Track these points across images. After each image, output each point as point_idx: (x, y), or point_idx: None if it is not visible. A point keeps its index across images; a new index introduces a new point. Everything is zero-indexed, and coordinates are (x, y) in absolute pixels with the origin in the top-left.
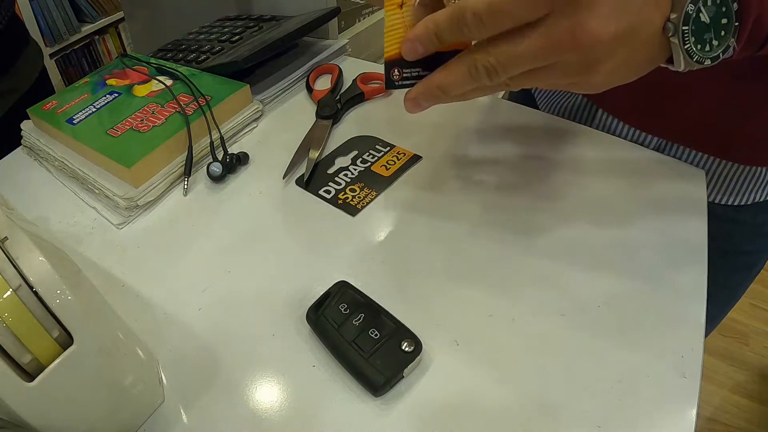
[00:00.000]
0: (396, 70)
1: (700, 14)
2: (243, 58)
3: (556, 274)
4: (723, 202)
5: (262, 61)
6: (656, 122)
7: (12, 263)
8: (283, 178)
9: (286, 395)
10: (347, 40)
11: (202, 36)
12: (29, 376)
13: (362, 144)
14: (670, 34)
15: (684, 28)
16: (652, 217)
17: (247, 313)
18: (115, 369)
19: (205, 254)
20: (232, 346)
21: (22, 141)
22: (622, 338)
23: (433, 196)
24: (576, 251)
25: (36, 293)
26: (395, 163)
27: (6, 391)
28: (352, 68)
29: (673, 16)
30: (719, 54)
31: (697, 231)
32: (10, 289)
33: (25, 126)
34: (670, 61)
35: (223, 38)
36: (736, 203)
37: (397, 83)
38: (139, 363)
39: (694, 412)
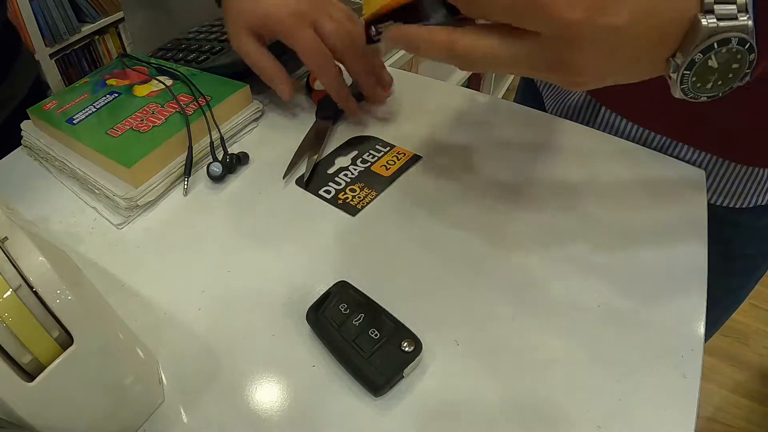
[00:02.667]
0: (373, 28)
1: (709, 60)
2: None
3: (556, 274)
4: (725, 204)
5: None
6: (660, 120)
7: (12, 263)
8: (283, 178)
9: (286, 395)
10: None
11: (202, 36)
12: (29, 376)
13: (362, 144)
14: (671, 71)
15: (686, 72)
16: (652, 216)
17: (247, 313)
18: (115, 369)
19: (205, 254)
20: (232, 346)
21: (22, 141)
22: (622, 338)
23: (433, 196)
24: (576, 251)
25: (36, 293)
26: (395, 163)
27: (6, 391)
28: None
29: (678, 57)
30: (719, 93)
31: (697, 231)
32: (10, 289)
33: (25, 126)
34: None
35: (223, 38)
36: (737, 206)
37: (374, 39)
38: (139, 363)
39: (694, 412)
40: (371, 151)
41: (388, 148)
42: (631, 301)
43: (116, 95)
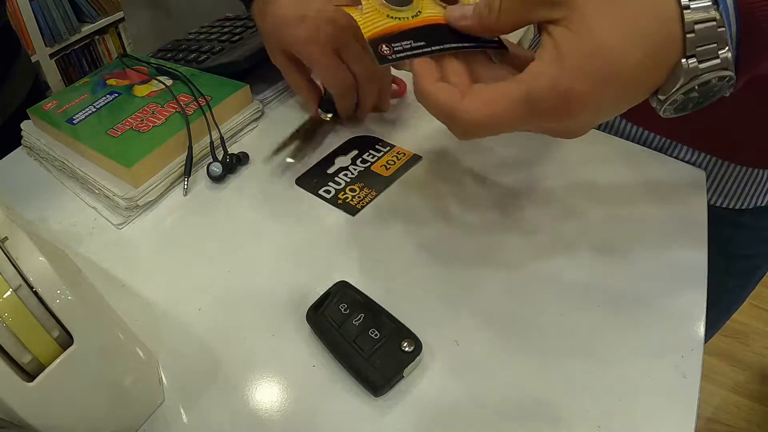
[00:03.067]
0: (384, 46)
1: (691, 93)
2: (244, 58)
3: (556, 273)
4: (725, 206)
5: (262, 61)
6: (660, 121)
7: (12, 263)
8: (274, 154)
9: (286, 395)
10: None
11: (202, 36)
12: (29, 376)
13: (362, 144)
14: (653, 103)
15: (669, 107)
16: (653, 217)
17: (247, 313)
18: (115, 369)
19: (205, 254)
20: (232, 346)
21: (22, 141)
22: (622, 338)
23: (432, 195)
24: (576, 251)
25: (36, 293)
26: (395, 163)
27: (6, 391)
28: None
29: (661, 95)
30: (700, 106)
31: (697, 231)
32: (10, 289)
33: (25, 126)
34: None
35: (223, 38)
36: (737, 207)
37: (389, 58)
38: (139, 363)
39: (694, 412)
40: (371, 151)
41: (388, 148)
42: (631, 301)
43: (116, 95)
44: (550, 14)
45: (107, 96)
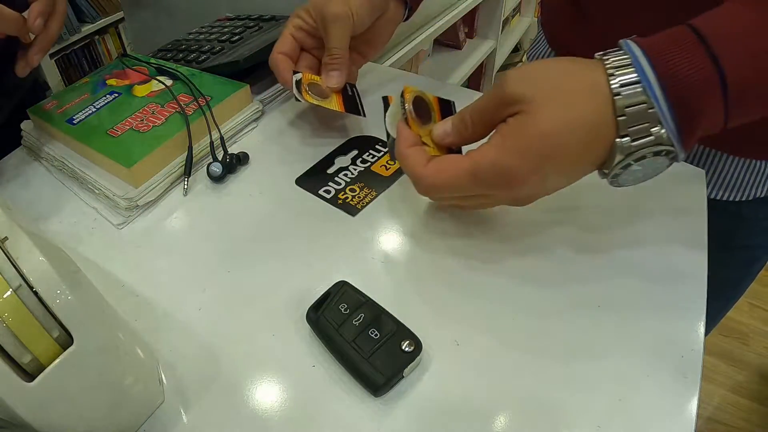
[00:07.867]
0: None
1: (632, 166)
2: (244, 58)
3: (556, 273)
4: (724, 198)
5: (262, 61)
6: None
7: (12, 263)
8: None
9: (286, 395)
10: None
11: (202, 36)
12: (29, 376)
13: (362, 144)
14: (601, 177)
15: (613, 180)
16: (652, 216)
17: (247, 313)
18: (115, 369)
19: (205, 254)
20: (232, 346)
21: (22, 141)
22: (622, 338)
23: None
24: (575, 251)
25: (36, 293)
26: (395, 163)
27: (6, 391)
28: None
29: (605, 170)
30: (657, 174)
31: (697, 231)
32: (10, 289)
33: (25, 126)
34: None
35: (223, 38)
36: (737, 199)
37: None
38: (139, 363)
39: (694, 412)
40: (371, 151)
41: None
42: (630, 301)
43: (116, 95)
44: (511, 110)
45: (107, 96)
